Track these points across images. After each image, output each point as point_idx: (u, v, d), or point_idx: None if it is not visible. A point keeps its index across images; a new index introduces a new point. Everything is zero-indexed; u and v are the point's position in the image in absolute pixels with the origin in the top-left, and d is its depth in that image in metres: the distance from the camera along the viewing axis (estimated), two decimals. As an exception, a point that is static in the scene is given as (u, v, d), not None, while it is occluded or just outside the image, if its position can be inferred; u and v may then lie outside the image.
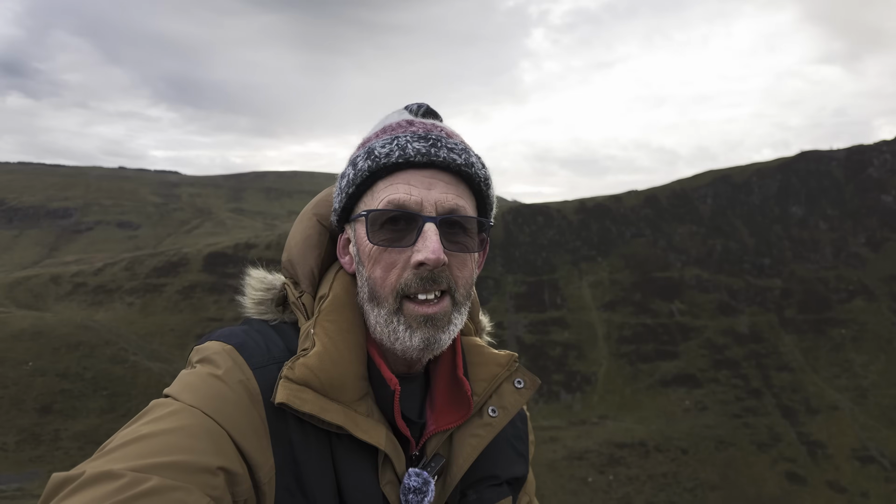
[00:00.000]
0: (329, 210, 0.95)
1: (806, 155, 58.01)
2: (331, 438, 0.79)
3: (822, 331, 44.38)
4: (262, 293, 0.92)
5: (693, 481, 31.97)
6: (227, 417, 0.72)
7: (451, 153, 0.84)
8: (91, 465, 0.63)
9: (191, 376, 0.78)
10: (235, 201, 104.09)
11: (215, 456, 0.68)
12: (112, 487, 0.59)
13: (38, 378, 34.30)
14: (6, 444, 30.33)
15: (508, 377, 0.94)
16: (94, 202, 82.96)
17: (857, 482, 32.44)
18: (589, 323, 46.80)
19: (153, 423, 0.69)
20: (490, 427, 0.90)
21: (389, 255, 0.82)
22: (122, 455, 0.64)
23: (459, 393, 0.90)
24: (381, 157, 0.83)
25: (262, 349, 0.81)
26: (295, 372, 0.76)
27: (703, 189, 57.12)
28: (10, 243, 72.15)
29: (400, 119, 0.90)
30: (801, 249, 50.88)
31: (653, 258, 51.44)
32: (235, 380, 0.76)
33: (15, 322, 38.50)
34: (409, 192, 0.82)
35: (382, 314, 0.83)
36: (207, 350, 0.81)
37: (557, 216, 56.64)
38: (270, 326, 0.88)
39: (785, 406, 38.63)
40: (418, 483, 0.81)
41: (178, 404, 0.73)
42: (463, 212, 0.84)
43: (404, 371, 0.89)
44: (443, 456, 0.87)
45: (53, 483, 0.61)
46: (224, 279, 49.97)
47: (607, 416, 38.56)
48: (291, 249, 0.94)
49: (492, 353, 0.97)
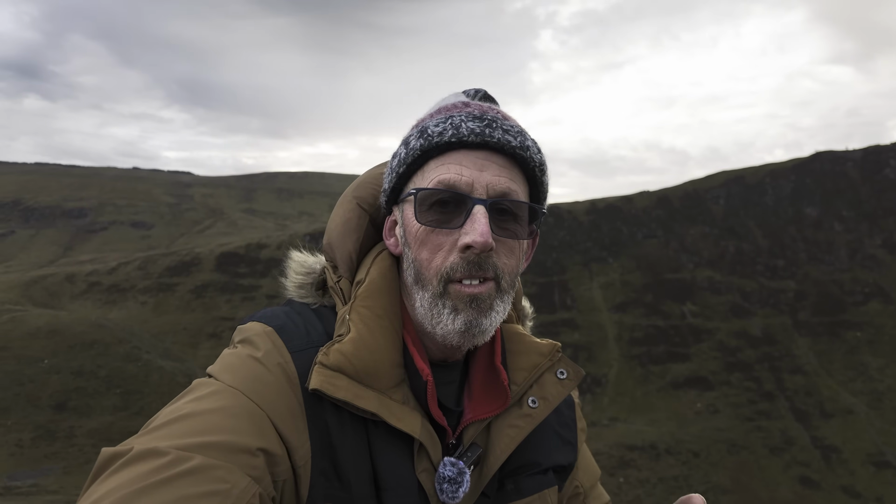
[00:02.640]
0: (369, 193, 0.94)
1: (821, 155, 57.33)
2: (367, 425, 0.79)
3: (836, 333, 43.81)
4: (302, 277, 0.92)
5: (705, 485, 31.70)
6: (265, 400, 0.73)
7: (506, 134, 0.81)
8: (138, 440, 0.65)
9: (231, 357, 0.78)
10: (247, 202, 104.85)
11: (255, 437, 0.69)
12: (158, 464, 0.61)
13: (53, 375, 34.78)
14: (22, 441, 30.79)
15: (550, 367, 0.92)
16: (109, 202, 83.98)
17: (872, 487, 31.98)
18: (599, 324, 46.56)
19: (196, 403, 0.70)
20: (530, 418, 0.88)
21: (437, 236, 0.81)
22: (167, 433, 0.66)
23: (497, 382, 0.88)
24: (433, 135, 0.81)
25: (301, 332, 0.81)
26: (329, 358, 0.76)
27: (715, 190, 56.63)
28: (26, 243, 73.24)
29: (456, 101, 0.88)
30: (815, 251, 50.27)
31: (664, 259, 51.08)
32: (274, 362, 0.76)
33: (31, 320, 39.08)
34: (460, 173, 0.80)
35: (427, 297, 0.81)
36: (249, 331, 0.81)
37: (568, 217, 56.42)
38: (311, 309, 0.88)
39: (798, 409, 38.18)
40: (453, 473, 0.80)
41: (219, 384, 0.73)
42: (515, 196, 0.82)
43: (442, 359, 0.88)
44: (479, 446, 0.85)
45: (104, 457, 0.63)
46: (236, 279, 50.35)
47: (618, 419, 38.34)
48: (331, 233, 0.93)
49: (533, 341, 0.94)
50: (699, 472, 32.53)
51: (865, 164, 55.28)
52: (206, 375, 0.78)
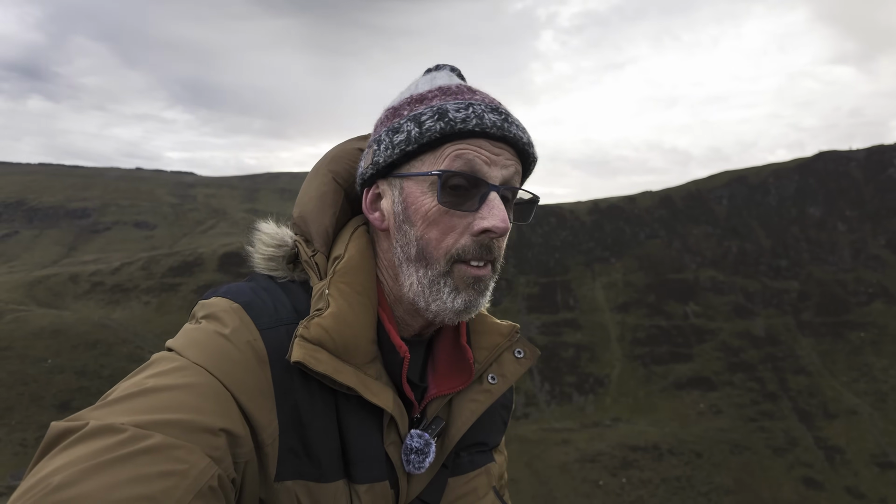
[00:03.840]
0: (344, 168, 0.93)
1: (824, 155, 57.16)
2: (337, 400, 0.80)
3: (840, 334, 43.68)
4: (273, 249, 0.91)
5: (707, 485, 31.63)
6: (232, 378, 0.71)
7: (518, 130, 0.85)
8: (93, 414, 0.62)
9: (197, 332, 0.75)
10: (250, 202, 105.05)
11: (218, 417, 0.67)
12: (114, 441, 0.58)
13: (56, 375, 34.89)
14: (25, 440, 30.91)
15: (509, 347, 0.97)
16: (112, 202, 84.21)
17: (876, 488, 31.88)
18: (602, 325, 46.51)
19: (158, 378, 0.68)
20: (489, 393, 0.92)
21: (450, 218, 0.82)
22: (126, 408, 0.63)
23: (461, 360, 0.92)
24: (456, 121, 0.81)
25: (269, 309, 0.80)
26: (310, 332, 0.76)
27: (718, 190, 56.51)
28: (30, 243, 73.48)
29: (451, 83, 0.88)
30: (818, 251, 50.13)
31: (667, 260, 51.00)
32: (243, 340, 0.74)
33: (35, 320, 39.22)
34: (479, 159, 0.82)
35: (429, 275, 0.82)
36: (214, 307, 0.79)
37: (570, 217, 56.36)
38: (277, 284, 0.87)
39: (802, 410, 38.08)
40: (420, 444, 0.84)
41: (184, 360, 0.71)
42: (517, 182, 0.87)
43: (414, 335, 0.91)
44: (443, 419, 0.89)
45: (54, 432, 0.60)
46: (239, 279, 50.12)
47: (620, 419, 38.29)
48: (305, 206, 0.92)
49: (494, 322, 0.98)
50: (702, 473, 32.46)
51: (869, 163, 55.10)
52: (166, 349, 0.75)
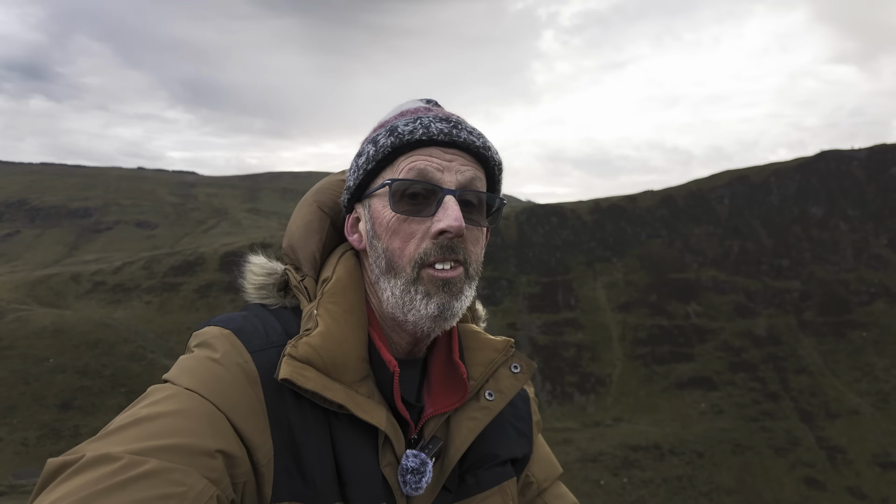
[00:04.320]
0: (329, 198, 0.98)
1: (826, 154, 57.06)
2: (330, 420, 0.79)
3: (842, 334, 43.61)
4: (263, 278, 0.94)
5: (709, 485, 31.61)
6: (224, 400, 0.72)
7: (470, 135, 0.87)
8: (90, 447, 0.63)
9: (189, 360, 0.78)
10: (251, 201, 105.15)
11: (213, 438, 0.68)
12: (110, 469, 0.59)
13: (58, 375, 34.95)
14: (27, 439, 30.96)
15: (505, 362, 0.96)
16: (114, 202, 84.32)
17: (878, 488, 31.82)
18: (603, 324, 46.48)
19: (151, 407, 0.69)
20: (487, 410, 0.91)
21: (409, 225, 0.84)
22: (121, 438, 0.64)
23: (456, 377, 0.91)
24: (404, 133, 0.85)
25: (260, 333, 0.82)
26: (298, 350, 0.77)
27: (720, 189, 56.43)
28: (32, 242, 73.60)
29: (417, 105, 0.93)
30: (820, 251, 50.04)
31: (668, 259, 50.94)
32: (233, 363, 0.76)
33: (36, 319, 39.28)
34: (430, 165, 0.85)
35: (399, 284, 0.84)
36: (205, 335, 0.81)
37: (572, 216, 56.32)
38: (269, 311, 0.89)
39: (803, 410, 38.02)
40: (416, 464, 0.82)
41: (176, 388, 0.73)
42: (479, 187, 0.88)
43: (406, 354, 0.91)
44: (440, 438, 0.88)
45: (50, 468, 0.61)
46: (240, 278, 50.42)
47: (621, 419, 38.26)
48: (293, 235, 0.96)
49: (488, 338, 0.98)
50: (703, 473, 32.43)
51: (871, 163, 54.99)
52: (162, 381, 0.77)
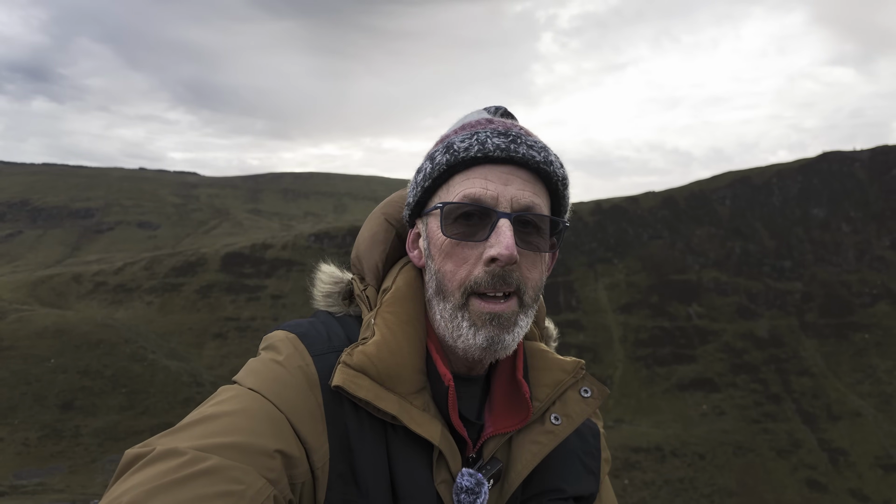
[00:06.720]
0: (396, 210, 0.97)
1: (828, 156, 56.98)
2: (386, 430, 0.79)
3: (844, 335, 43.51)
4: (329, 286, 0.94)
5: (710, 487, 31.53)
6: (285, 401, 0.74)
7: (530, 150, 0.83)
8: (160, 441, 0.68)
9: (255, 362, 0.81)
10: (253, 202, 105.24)
11: (273, 439, 0.70)
12: (175, 463, 0.63)
13: (59, 375, 34.97)
14: (28, 440, 30.97)
15: (574, 385, 0.91)
16: (115, 203, 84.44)
17: (881, 490, 31.72)
18: (604, 325, 46.41)
19: (217, 406, 0.73)
20: (552, 435, 0.86)
21: (462, 249, 0.82)
22: (188, 435, 0.69)
23: (518, 396, 0.88)
24: (459, 150, 0.83)
25: (323, 338, 0.83)
26: (353, 358, 0.78)
27: (721, 191, 56.36)
28: (34, 243, 73.73)
29: (479, 118, 0.90)
30: (822, 252, 49.95)
31: (670, 260, 50.88)
32: (295, 365, 0.78)
33: (38, 320, 39.32)
34: (485, 187, 0.81)
35: (448, 309, 0.82)
36: (272, 338, 0.84)
37: (573, 217, 55.98)
38: (335, 318, 0.90)
39: (805, 412, 37.93)
40: (471, 483, 0.79)
41: (241, 388, 0.76)
42: (538, 210, 0.83)
43: (465, 372, 0.88)
44: (500, 460, 0.84)
45: (127, 458, 0.66)
46: (241, 279, 50.46)
47: (623, 420, 38.19)
48: (359, 246, 0.96)
49: (556, 358, 0.93)
50: (705, 475, 32.36)
51: (873, 164, 54.90)
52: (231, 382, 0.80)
